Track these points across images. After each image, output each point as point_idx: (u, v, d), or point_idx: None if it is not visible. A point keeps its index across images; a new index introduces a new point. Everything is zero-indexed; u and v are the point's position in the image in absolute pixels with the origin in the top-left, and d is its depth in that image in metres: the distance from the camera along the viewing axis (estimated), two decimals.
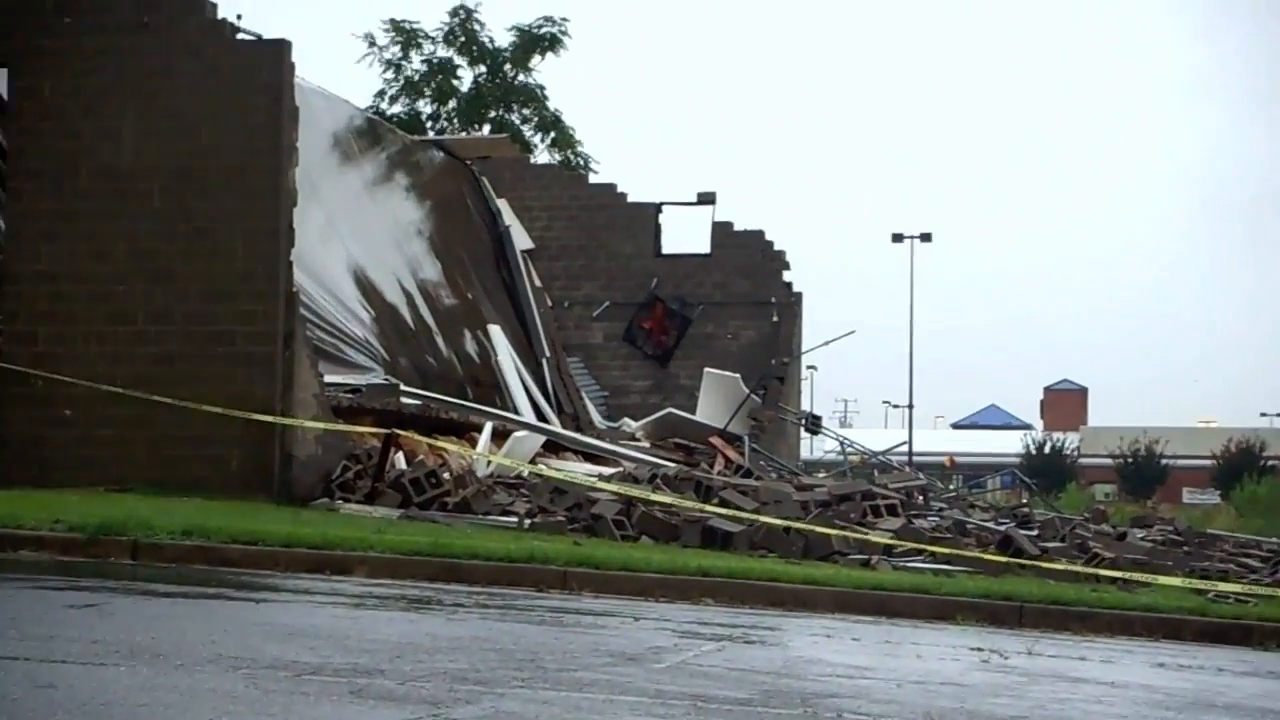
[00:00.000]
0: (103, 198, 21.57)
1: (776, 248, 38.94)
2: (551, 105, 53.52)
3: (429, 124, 52.29)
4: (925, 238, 77.33)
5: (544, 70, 53.03)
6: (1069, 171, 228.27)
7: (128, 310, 21.38)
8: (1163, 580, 18.75)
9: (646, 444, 31.56)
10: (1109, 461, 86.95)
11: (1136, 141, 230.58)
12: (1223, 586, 18.66)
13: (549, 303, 38.26)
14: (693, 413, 34.04)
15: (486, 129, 51.48)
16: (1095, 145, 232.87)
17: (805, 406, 46.72)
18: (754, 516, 20.55)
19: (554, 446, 28.07)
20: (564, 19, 52.29)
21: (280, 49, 21.83)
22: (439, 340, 31.89)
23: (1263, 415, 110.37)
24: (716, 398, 34.45)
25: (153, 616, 10.45)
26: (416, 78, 53.33)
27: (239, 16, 22.44)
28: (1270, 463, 79.58)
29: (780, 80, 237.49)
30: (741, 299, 38.47)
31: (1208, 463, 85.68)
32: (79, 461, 20.86)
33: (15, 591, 11.58)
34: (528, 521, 20.15)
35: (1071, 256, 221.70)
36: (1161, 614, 15.39)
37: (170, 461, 20.92)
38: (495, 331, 34.42)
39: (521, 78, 53.45)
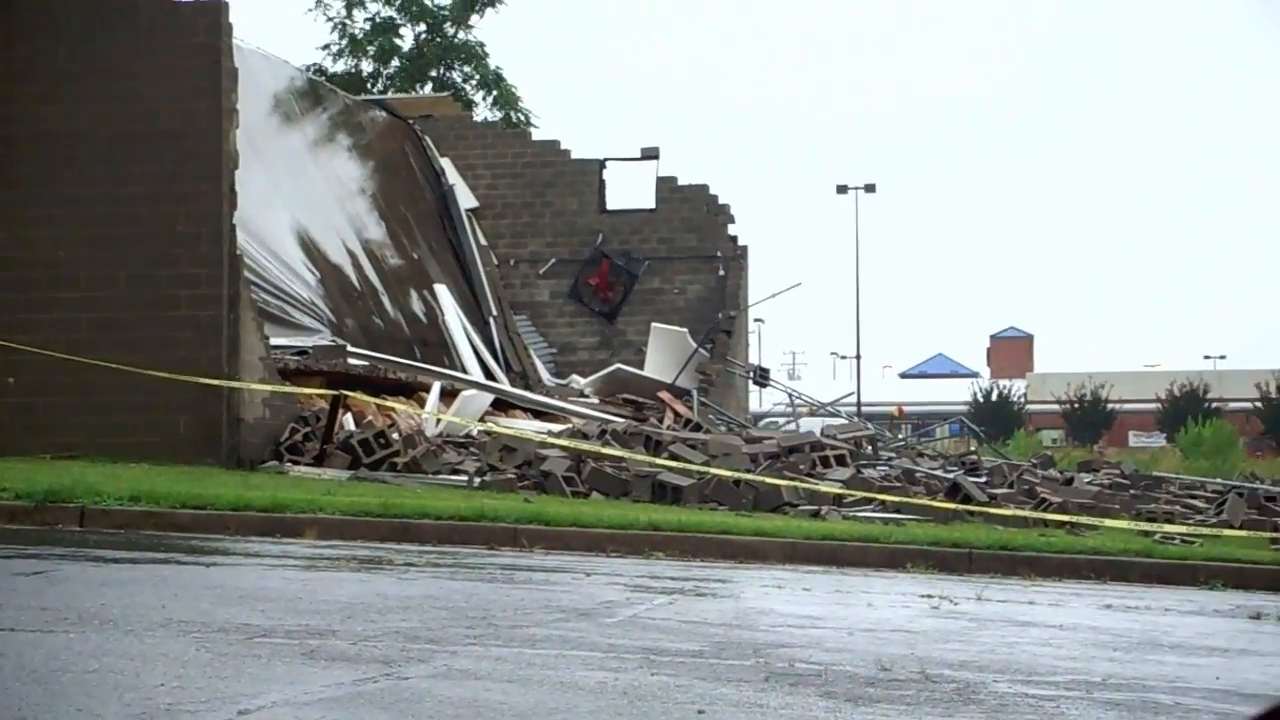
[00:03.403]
0: (41, 163, 21.36)
1: (721, 201, 38.90)
2: (492, 63, 53.36)
3: (371, 83, 52.04)
4: (869, 188, 77.26)
5: (484, 28, 52.88)
6: (1012, 121, 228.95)
7: (70, 276, 21.20)
8: (1109, 523, 18.93)
9: (595, 400, 31.58)
10: (1056, 407, 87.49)
11: (1076, 88, 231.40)
12: (1169, 528, 18.86)
13: (494, 261, 38.14)
14: (641, 368, 34.06)
15: (428, 88, 51.24)
16: (1035, 92, 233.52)
17: (753, 359, 46.80)
18: (704, 470, 20.62)
19: (503, 405, 28.06)
20: None
21: (218, 9, 21.63)
22: (385, 300, 31.78)
23: (1206, 358, 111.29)
24: (664, 353, 34.48)
25: (102, 583, 10.40)
26: (360, 36, 53.05)
27: None
28: (1214, 405, 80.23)
29: (722, 33, 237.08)
30: (687, 253, 38.43)
31: (1153, 406, 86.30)
32: (24, 429, 20.70)
33: None
34: (478, 480, 20.17)
35: (1016, 204, 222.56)
36: (1109, 556, 15.55)
37: (117, 427, 20.80)
38: (442, 291, 34.33)
39: (462, 35, 53.22)
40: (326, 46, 52.81)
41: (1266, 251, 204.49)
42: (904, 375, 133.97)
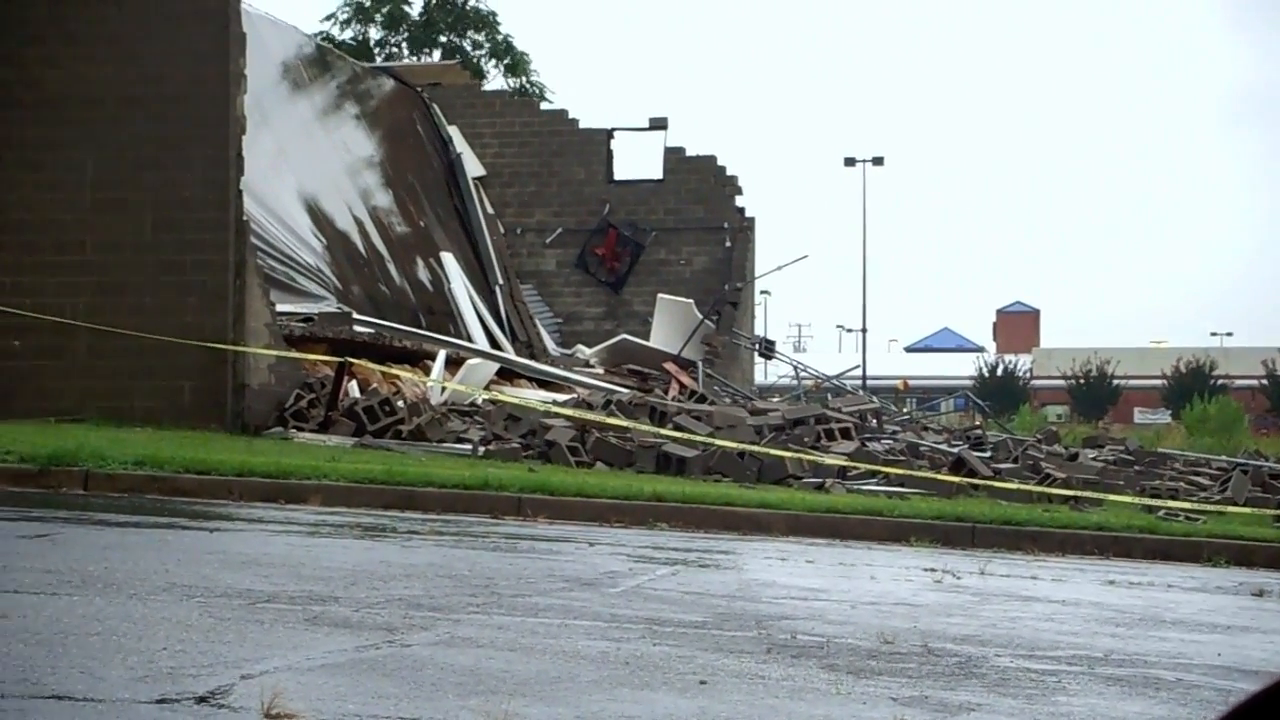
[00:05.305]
0: (48, 127, 21.32)
1: (729, 173, 38.85)
2: (503, 30, 53.28)
3: (379, 50, 51.94)
4: (877, 161, 77.07)
5: None
6: (1022, 96, 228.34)
7: (76, 240, 21.19)
8: (1114, 499, 18.91)
9: (600, 370, 31.56)
10: (1061, 383, 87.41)
11: (1090, 64, 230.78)
12: (1173, 504, 18.84)
13: (501, 230, 38.11)
14: (646, 339, 34.05)
15: (437, 55, 51.16)
16: (1046, 66, 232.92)
17: (759, 331, 46.77)
18: (708, 441, 20.61)
19: (508, 374, 28.05)
20: None
21: None
22: (391, 268, 31.76)
23: (1213, 335, 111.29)
24: (670, 324, 34.46)
25: (105, 546, 10.41)
26: (368, 3, 52.94)
27: None
28: (1220, 382, 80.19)
29: (732, 2, 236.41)
30: (694, 224, 38.40)
31: (1159, 382, 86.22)
32: (29, 392, 20.72)
33: None
34: (482, 449, 20.16)
35: (1023, 178, 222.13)
36: (1112, 532, 15.53)
37: (122, 392, 20.81)
38: (448, 259, 34.30)
39: (473, 2, 53.12)
40: (332, 16, 52.71)
41: (1275, 230, 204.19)
42: (909, 349, 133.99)
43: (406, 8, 53.10)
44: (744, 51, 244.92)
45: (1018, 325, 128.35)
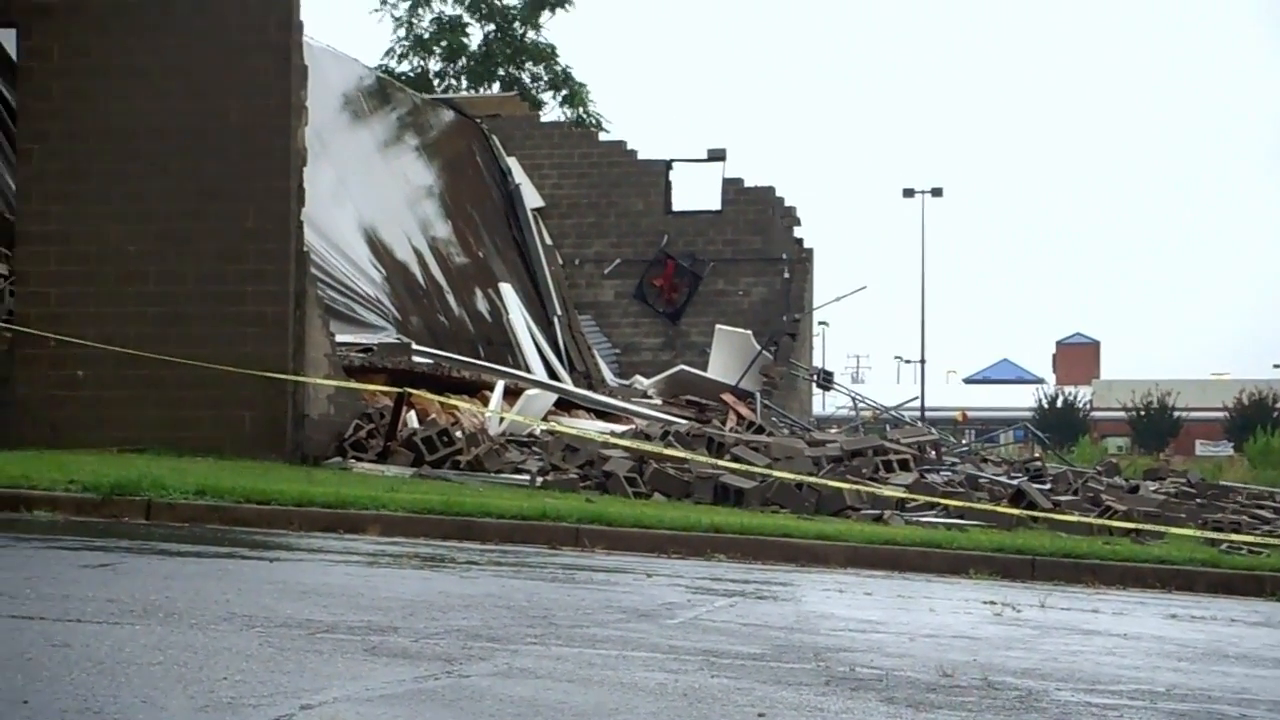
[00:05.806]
0: (113, 158, 21.52)
1: (787, 204, 38.83)
2: (561, 62, 53.47)
3: (438, 82, 52.23)
4: (936, 193, 76.99)
5: (553, 28, 53.08)
6: (1080, 125, 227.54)
7: (139, 271, 21.36)
8: (1175, 532, 18.77)
9: (658, 401, 31.56)
10: (1121, 414, 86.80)
11: (1149, 93, 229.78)
12: (1235, 538, 18.68)
13: (560, 261, 38.20)
14: (704, 370, 34.03)
15: (496, 87, 51.40)
16: (1106, 98, 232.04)
17: (817, 362, 46.68)
18: (766, 472, 20.57)
19: (566, 404, 28.08)
20: None
21: (288, 5, 21.70)
22: (450, 299, 31.88)
23: (1275, 367, 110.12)
24: (728, 354, 34.44)
25: (167, 575, 10.48)
26: (426, 35, 53.24)
27: None
28: None
29: (790, 34, 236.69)
30: (752, 255, 38.39)
31: (1220, 415, 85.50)
32: (92, 422, 20.88)
33: (31, 551, 11.62)
34: (540, 479, 20.18)
35: (1083, 210, 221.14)
36: (1174, 565, 15.42)
37: (183, 422, 20.93)
38: (506, 290, 34.41)
39: (531, 35, 53.35)
40: (390, 51, 53.03)
41: None
42: (969, 380, 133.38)
43: (465, 40, 53.38)
44: (802, 83, 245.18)
45: (1078, 357, 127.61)
